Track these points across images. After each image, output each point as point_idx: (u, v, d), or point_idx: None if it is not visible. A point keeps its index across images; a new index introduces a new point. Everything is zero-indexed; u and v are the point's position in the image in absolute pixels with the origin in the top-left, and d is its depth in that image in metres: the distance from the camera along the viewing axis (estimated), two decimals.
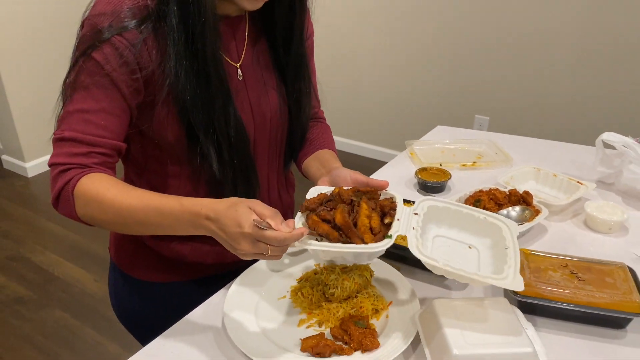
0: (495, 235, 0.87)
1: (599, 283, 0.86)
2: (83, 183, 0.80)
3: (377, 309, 0.86)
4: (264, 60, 0.98)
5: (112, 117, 0.83)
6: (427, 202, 0.89)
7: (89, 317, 2.22)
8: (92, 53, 0.80)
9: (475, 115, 3.22)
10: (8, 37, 3.09)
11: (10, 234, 2.83)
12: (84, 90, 0.82)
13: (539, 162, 1.39)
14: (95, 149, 0.83)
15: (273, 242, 0.70)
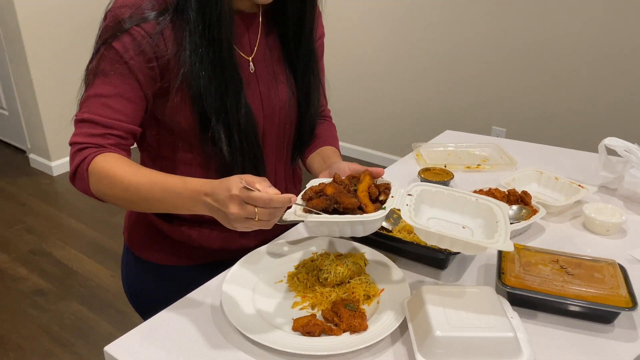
0: (487, 215, 0.90)
1: (588, 278, 0.88)
2: (97, 161, 0.86)
3: (368, 295, 0.89)
4: (276, 55, 1.04)
5: (128, 102, 0.90)
6: (420, 186, 0.93)
7: (104, 310, 2.28)
8: (113, 42, 0.87)
9: (492, 127, 3.23)
10: (40, 41, 3.23)
11: (34, 229, 2.93)
12: (104, 77, 0.88)
13: (544, 167, 1.41)
14: (111, 130, 0.89)
15: (259, 203, 0.73)
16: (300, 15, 1.00)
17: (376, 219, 0.83)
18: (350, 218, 0.83)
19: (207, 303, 0.90)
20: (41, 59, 3.27)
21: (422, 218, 0.91)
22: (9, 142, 3.97)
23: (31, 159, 3.68)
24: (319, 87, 1.10)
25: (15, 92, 3.52)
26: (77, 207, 3.16)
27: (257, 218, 0.74)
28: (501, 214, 0.87)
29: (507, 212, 0.88)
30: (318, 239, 1.04)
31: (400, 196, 0.89)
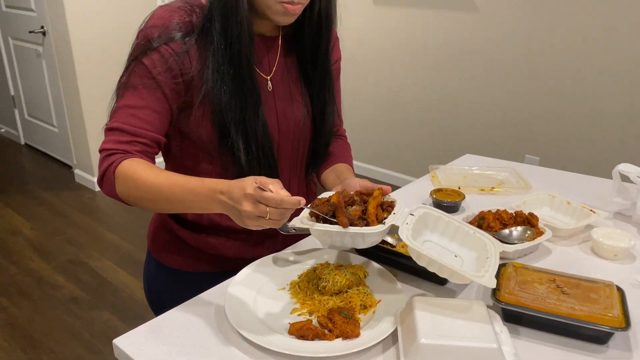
0: (480, 249, 0.95)
1: (583, 298, 0.89)
2: (123, 165, 0.93)
3: (365, 305, 0.92)
4: (293, 75, 1.11)
5: (154, 113, 0.97)
6: (423, 208, 0.98)
7: (133, 320, 2.37)
8: (142, 59, 0.96)
9: (525, 155, 3.21)
10: (89, 66, 3.44)
11: (74, 240, 3.07)
12: (133, 90, 0.97)
13: (560, 192, 1.41)
14: (137, 138, 0.96)
15: (271, 203, 0.78)
16: (316, 39, 1.07)
17: (375, 232, 0.88)
18: (350, 230, 0.87)
19: (213, 305, 0.95)
20: (90, 83, 3.48)
21: (419, 239, 0.95)
22: (57, 158, 4.20)
23: (76, 174, 3.88)
24: (333, 106, 1.17)
25: (65, 111, 3.75)
26: (114, 220, 3.30)
27: (268, 217, 0.79)
28: (493, 251, 0.92)
29: (500, 250, 0.93)
30: (324, 251, 1.09)
31: (401, 215, 0.93)
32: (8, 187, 3.78)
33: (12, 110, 4.49)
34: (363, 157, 3.93)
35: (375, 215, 0.92)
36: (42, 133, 4.23)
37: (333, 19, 1.07)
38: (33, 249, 2.98)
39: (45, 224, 3.27)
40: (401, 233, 0.89)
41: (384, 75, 3.64)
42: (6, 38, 4.16)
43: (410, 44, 3.45)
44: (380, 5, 3.51)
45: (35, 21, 3.66)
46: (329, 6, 1.05)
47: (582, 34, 2.76)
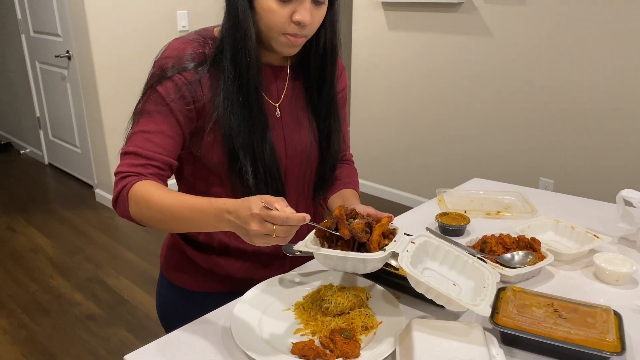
0: (478, 279, 0.97)
1: (579, 322, 0.91)
2: (136, 186, 0.98)
3: (366, 327, 0.95)
4: (300, 103, 1.16)
5: (167, 138, 1.03)
6: (424, 237, 1.01)
7: (149, 338, 2.40)
8: (157, 87, 1.02)
9: (540, 178, 3.21)
10: (112, 90, 3.56)
11: (93, 258, 3.15)
12: (148, 116, 1.03)
13: (566, 216, 1.43)
14: (150, 161, 1.01)
15: (277, 221, 0.81)
16: (322, 69, 1.13)
17: (375, 258, 0.91)
18: (352, 255, 0.91)
19: (219, 324, 0.99)
20: (111, 105, 3.59)
21: (419, 267, 0.98)
22: (78, 177, 4.32)
23: (97, 194, 3.98)
24: (339, 132, 1.21)
25: (87, 133, 3.87)
26: (132, 239, 3.37)
27: (275, 234, 0.82)
28: (491, 281, 0.95)
29: (497, 280, 0.95)
30: (329, 273, 1.12)
31: (402, 242, 0.97)
32: (31, 206, 3.89)
33: (37, 131, 4.64)
34: (375, 177, 3.96)
35: (378, 242, 0.95)
36: (65, 153, 4.36)
37: (338, 50, 1.12)
38: (53, 267, 3.06)
39: (65, 242, 3.36)
40: (401, 260, 0.92)
41: (397, 98, 3.69)
42: (33, 62, 4.32)
43: (423, 67, 3.49)
44: (394, 30, 3.57)
45: (61, 46, 3.81)
46: (334, 38, 1.10)
47: (596, 59, 2.78)
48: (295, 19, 0.96)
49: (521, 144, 3.20)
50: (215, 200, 0.91)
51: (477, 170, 3.41)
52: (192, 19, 3.85)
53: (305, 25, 0.98)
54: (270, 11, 0.96)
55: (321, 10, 1.00)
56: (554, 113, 3.01)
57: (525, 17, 2.97)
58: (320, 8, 1.00)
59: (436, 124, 3.55)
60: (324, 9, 1.01)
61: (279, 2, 0.95)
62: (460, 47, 3.28)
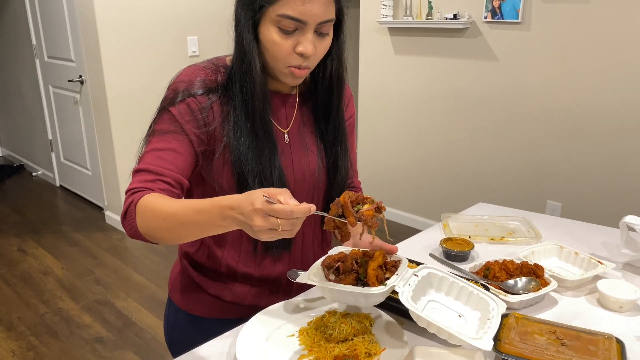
0: (484, 309, 0.97)
1: (581, 350, 0.91)
2: (143, 199, 0.97)
3: (370, 353, 0.96)
4: (308, 129, 1.19)
5: (179, 155, 1.04)
6: (428, 269, 1.02)
7: None
8: (170, 108, 1.05)
9: (547, 201, 3.20)
10: (122, 108, 3.62)
11: (102, 281, 3.17)
12: (160, 135, 1.05)
13: (571, 242, 1.44)
14: (161, 177, 1.01)
15: (281, 214, 0.79)
16: (329, 98, 1.16)
17: (376, 293, 0.92)
18: (353, 289, 0.93)
19: (224, 350, 1.00)
20: (122, 129, 3.66)
21: (423, 299, 0.99)
22: (89, 200, 4.37)
23: (107, 216, 4.02)
24: (346, 159, 1.23)
25: (98, 155, 3.93)
26: (142, 262, 3.39)
27: (280, 229, 0.80)
28: (496, 312, 0.94)
29: (503, 311, 0.95)
30: None
31: (404, 276, 0.97)
32: (42, 228, 3.93)
33: (49, 153, 4.71)
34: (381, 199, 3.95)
35: (375, 276, 0.95)
36: (76, 175, 4.42)
37: (344, 80, 1.16)
38: (63, 289, 3.08)
39: (75, 264, 3.39)
40: (401, 296, 0.92)
41: (404, 122, 3.72)
42: (47, 86, 4.41)
43: (429, 91, 3.53)
44: (400, 54, 3.62)
45: (74, 71, 3.89)
46: (340, 68, 1.13)
47: (602, 82, 2.80)
48: (298, 50, 0.99)
49: (528, 167, 3.21)
50: (218, 199, 0.88)
51: (483, 192, 3.41)
52: (203, 45, 3.93)
53: (308, 57, 1.01)
54: (273, 43, 0.99)
55: (325, 41, 1.03)
56: (560, 136, 3.03)
57: (530, 41, 3.00)
58: (324, 39, 1.03)
59: (443, 147, 3.57)
60: (328, 40, 1.04)
61: (282, 34, 0.98)
62: (466, 71, 3.32)
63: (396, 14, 3.55)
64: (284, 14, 0.96)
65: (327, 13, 0.99)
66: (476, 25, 3.20)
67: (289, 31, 0.98)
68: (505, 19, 3.06)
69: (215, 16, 3.89)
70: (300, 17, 0.96)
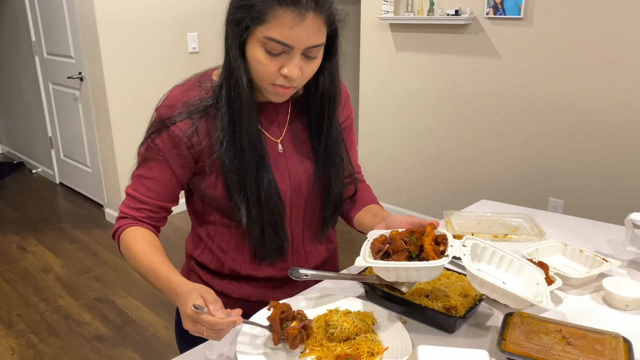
0: (526, 276, 1.01)
1: (588, 349, 0.90)
2: (126, 233, 1.09)
3: (372, 352, 0.95)
4: (302, 137, 1.17)
5: (161, 184, 1.10)
6: (471, 239, 1.04)
7: (156, 359, 2.41)
8: (155, 138, 1.08)
9: (549, 198, 3.19)
10: (122, 105, 3.61)
11: (102, 278, 3.16)
12: (145, 162, 1.10)
13: (575, 239, 1.42)
14: (144, 205, 1.11)
15: (206, 324, 0.87)
16: (320, 116, 1.13)
17: (439, 265, 0.95)
18: (416, 264, 0.94)
19: (224, 349, 0.99)
20: (122, 126, 3.64)
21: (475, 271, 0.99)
22: (89, 197, 4.35)
23: (107, 213, 4.01)
24: (339, 176, 1.19)
25: (98, 152, 3.91)
26: None
27: (204, 334, 0.88)
28: (541, 277, 0.98)
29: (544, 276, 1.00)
30: (335, 297, 1.12)
31: (457, 246, 0.99)
32: (42, 225, 3.92)
33: (49, 150, 4.70)
34: (383, 197, 3.94)
35: (433, 251, 0.97)
36: (76, 173, 4.40)
37: (337, 100, 1.11)
38: (63, 287, 3.07)
39: (75, 261, 3.37)
40: (465, 262, 0.96)
41: (405, 119, 3.70)
42: (46, 83, 4.39)
43: (431, 88, 3.51)
44: (402, 51, 3.60)
45: (74, 67, 3.88)
46: (332, 87, 1.09)
47: (605, 78, 2.78)
48: (283, 73, 0.97)
49: (530, 164, 3.19)
50: (172, 277, 0.98)
51: (485, 190, 3.40)
52: (203, 41, 3.91)
53: (293, 80, 0.98)
54: (259, 63, 0.97)
55: (313, 64, 1.00)
56: (562, 133, 3.01)
57: (532, 37, 2.98)
58: (311, 62, 1.00)
59: (444, 144, 3.55)
60: (317, 62, 1.01)
61: (268, 55, 0.96)
62: (468, 67, 3.30)
63: (397, 10, 3.52)
64: (271, 37, 0.93)
65: (315, 38, 0.95)
66: (478, 21, 3.18)
67: (275, 53, 0.96)
68: (507, 15, 3.04)
69: (216, 12, 3.86)
70: (287, 42, 0.93)
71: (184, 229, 3.56)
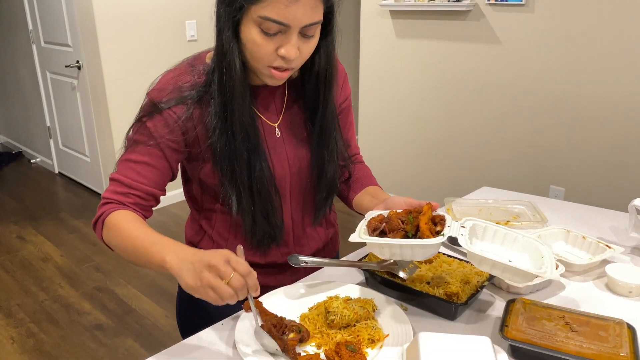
0: (532, 251, 0.97)
1: (591, 336, 0.88)
2: (112, 216, 1.01)
3: (373, 340, 0.94)
4: (299, 120, 1.14)
5: (151, 169, 1.05)
6: (471, 220, 1.01)
7: (156, 348, 2.40)
8: (147, 121, 1.03)
9: (550, 186, 3.17)
10: (120, 94, 3.59)
11: (101, 268, 3.15)
12: (135, 146, 1.05)
13: (578, 226, 1.40)
14: (132, 190, 1.04)
15: (242, 268, 0.84)
16: (315, 97, 1.10)
17: (434, 244, 0.93)
18: (411, 242, 0.92)
19: (224, 336, 0.97)
20: (120, 115, 3.62)
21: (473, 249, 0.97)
22: (88, 186, 4.34)
23: None
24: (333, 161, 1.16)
25: (97, 142, 3.89)
26: None
27: (228, 281, 0.83)
28: (546, 251, 0.95)
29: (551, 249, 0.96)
30: (335, 284, 1.10)
31: (454, 227, 0.97)
32: (41, 215, 3.91)
33: (48, 140, 4.67)
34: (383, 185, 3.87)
35: (428, 230, 0.95)
36: (75, 162, 4.38)
37: (332, 80, 1.08)
38: (62, 276, 3.06)
39: (74, 251, 3.36)
40: (462, 242, 0.93)
41: (405, 106, 3.68)
42: (44, 72, 4.36)
43: (431, 75, 3.48)
44: (402, 38, 3.56)
45: (71, 56, 3.84)
46: (328, 67, 1.06)
47: (607, 64, 2.75)
48: (280, 53, 0.94)
49: (531, 152, 3.17)
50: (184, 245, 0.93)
51: (486, 178, 3.38)
52: (201, 29, 3.87)
53: (291, 60, 0.95)
54: (255, 44, 0.93)
55: (310, 43, 0.97)
56: (563, 120, 2.98)
57: (533, 23, 2.95)
58: (309, 41, 0.96)
59: (445, 132, 3.53)
60: (314, 41, 0.98)
61: (264, 36, 0.92)
62: (469, 54, 3.26)
63: None
64: (266, 16, 0.90)
65: (312, 16, 0.92)
66: (479, 7, 3.14)
67: (271, 33, 0.92)
68: (508, 1, 3.01)
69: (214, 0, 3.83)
70: (283, 21, 0.90)
71: (183, 218, 3.55)
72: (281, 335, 0.91)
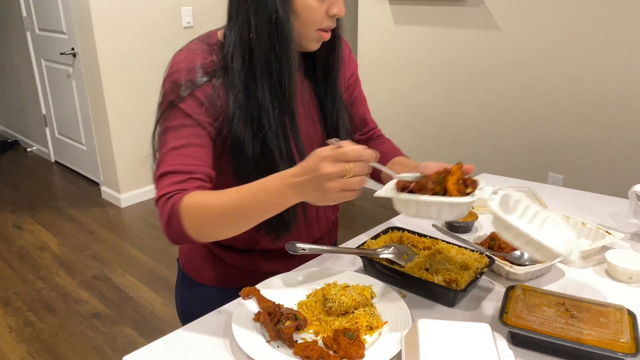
0: (559, 232, 0.92)
1: (592, 322, 0.88)
2: (186, 200, 0.90)
3: (371, 326, 0.93)
4: (309, 99, 1.14)
5: (201, 148, 0.98)
6: (504, 190, 0.95)
7: (154, 336, 2.38)
8: (179, 104, 0.97)
9: (548, 173, 3.16)
10: (116, 81, 3.55)
11: (99, 256, 3.14)
12: (175, 132, 0.97)
13: (578, 213, 1.39)
14: (192, 175, 0.95)
15: (351, 156, 0.78)
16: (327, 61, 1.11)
17: (462, 202, 0.87)
18: (439, 199, 0.87)
19: (221, 323, 0.97)
20: (117, 103, 3.58)
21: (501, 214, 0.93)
22: (85, 175, 4.32)
23: (103, 191, 3.98)
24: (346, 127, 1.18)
25: (93, 130, 3.86)
26: (139, 237, 3.36)
27: (351, 174, 0.78)
28: (573, 234, 0.91)
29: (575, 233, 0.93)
30: (333, 271, 1.09)
31: (486, 191, 0.92)
32: (38, 203, 3.89)
33: (44, 128, 4.64)
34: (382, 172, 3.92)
35: (456, 190, 0.89)
36: (71, 151, 4.36)
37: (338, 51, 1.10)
38: (59, 265, 3.06)
39: (72, 239, 3.35)
40: (493, 205, 0.88)
41: (403, 93, 3.65)
42: (39, 59, 4.32)
43: (430, 62, 3.45)
44: (400, 24, 3.53)
45: (66, 43, 3.80)
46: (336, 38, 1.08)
47: (606, 51, 2.73)
48: (332, 12, 0.99)
49: (529, 139, 3.16)
50: (271, 176, 0.86)
51: (484, 164, 3.37)
52: (197, 16, 3.83)
53: (341, 17, 1.01)
54: (311, 9, 0.97)
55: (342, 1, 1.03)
56: (562, 107, 2.97)
57: (533, 10, 2.92)
58: None
59: (443, 119, 3.51)
60: None
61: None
62: (467, 41, 3.24)
63: None
64: None
65: None
66: None
67: None
68: None
69: None
70: None
71: None
72: (277, 323, 0.90)
